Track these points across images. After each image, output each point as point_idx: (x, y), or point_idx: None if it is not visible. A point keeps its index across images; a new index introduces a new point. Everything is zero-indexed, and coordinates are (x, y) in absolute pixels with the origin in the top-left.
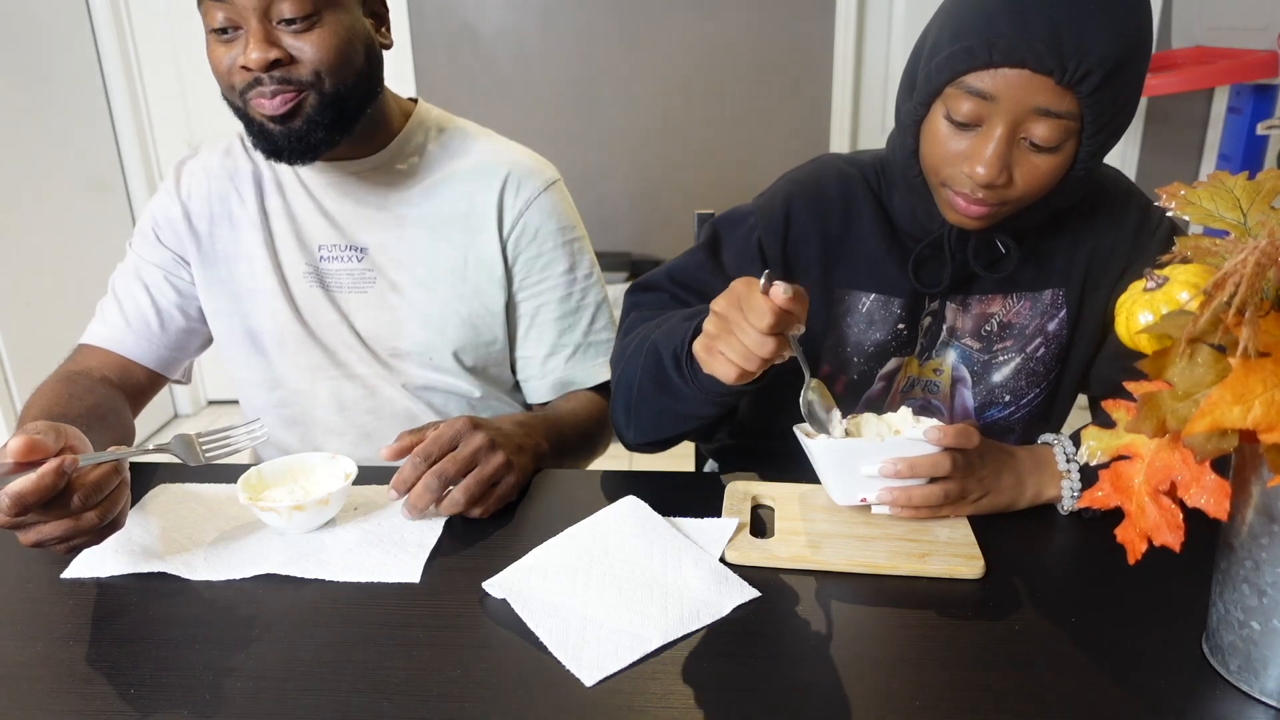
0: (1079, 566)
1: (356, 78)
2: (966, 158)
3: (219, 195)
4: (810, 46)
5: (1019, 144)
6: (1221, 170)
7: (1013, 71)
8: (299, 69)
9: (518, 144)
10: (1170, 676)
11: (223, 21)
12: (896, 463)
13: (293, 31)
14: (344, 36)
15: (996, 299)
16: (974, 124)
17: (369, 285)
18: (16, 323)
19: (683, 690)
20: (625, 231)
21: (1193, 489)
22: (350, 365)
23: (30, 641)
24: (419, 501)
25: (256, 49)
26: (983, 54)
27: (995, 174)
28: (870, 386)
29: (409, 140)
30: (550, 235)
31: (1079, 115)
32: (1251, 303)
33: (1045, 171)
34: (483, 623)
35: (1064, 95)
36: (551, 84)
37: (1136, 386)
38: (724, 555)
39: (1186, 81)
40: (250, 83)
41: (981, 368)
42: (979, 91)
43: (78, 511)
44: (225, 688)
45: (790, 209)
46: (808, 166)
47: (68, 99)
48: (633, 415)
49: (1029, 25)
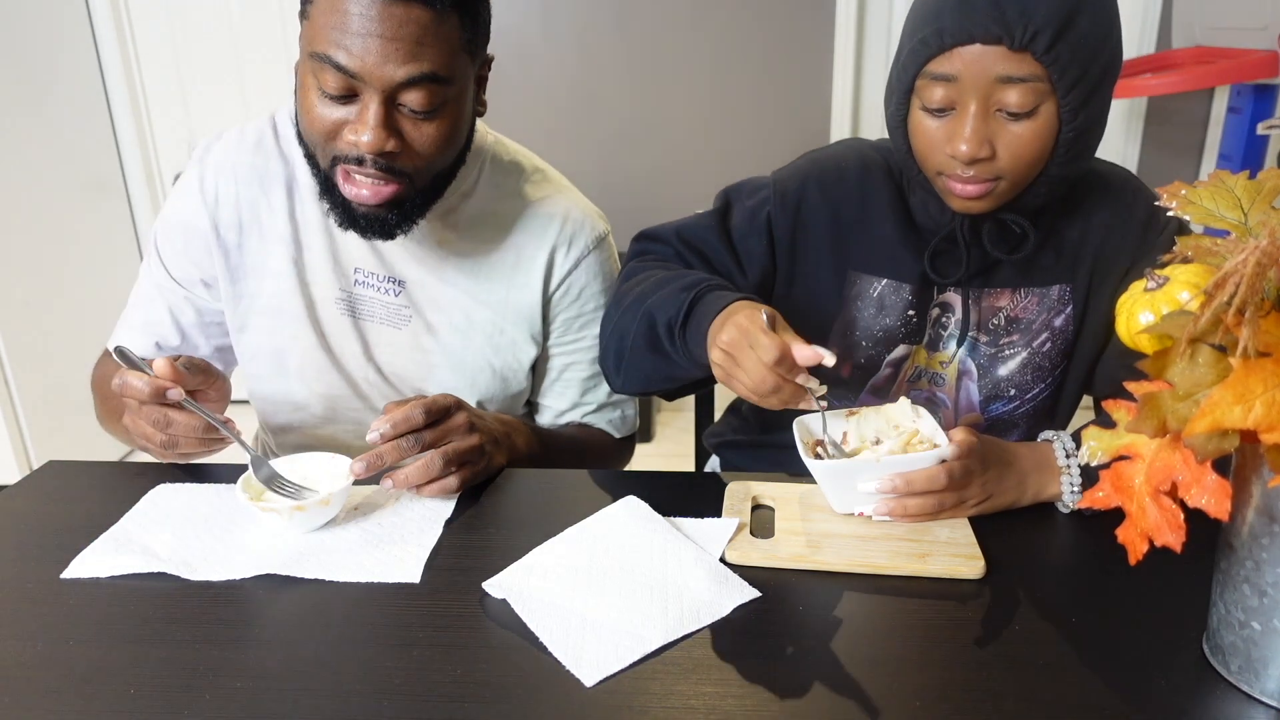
0: (1079, 566)
1: (456, 159)
2: (948, 140)
3: (248, 201)
4: (810, 46)
5: (995, 116)
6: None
7: (965, 49)
8: (407, 158)
9: (570, 187)
10: (1170, 676)
11: (339, 89)
12: (894, 479)
13: (412, 119)
14: (459, 126)
15: (1005, 293)
16: (948, 108)
17: (404, 323)
18: (16, 323)
19: (683, 690)
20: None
21: (1193, 489)
22: (372, 399)
23: (30, 641)
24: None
25: (373, 135)
26: (935, 41)
27: (976, 148)
28: (877, 373)
29: (466, 175)
30: (593, 297)
31: (1045, 76)
32: (1252, 303)
33: (1028, 139)
34: (483, 623)
35: (1021, 59)
36: (551, 82)
37: (1137, 386)
38: (724, 555)
39: (1186, 81)
40: (354, 156)
41: (988, 361)
42: (942, 75)
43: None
44: (225, 688)
45: (805, 187)
46: (833, 147)
47: (68, 99)
48: (623, 366)
49: (971, 2)
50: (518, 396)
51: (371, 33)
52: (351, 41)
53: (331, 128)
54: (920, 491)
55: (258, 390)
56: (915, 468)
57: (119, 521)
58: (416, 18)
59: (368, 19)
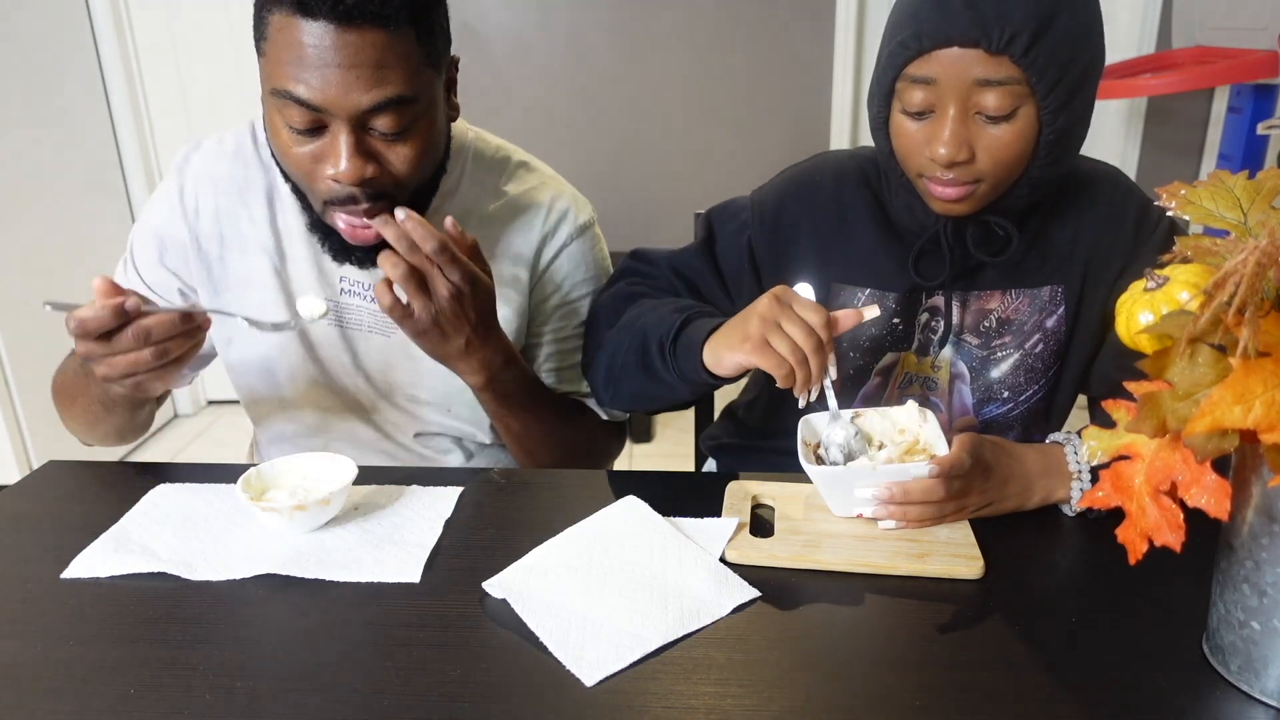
0: (1079, 567)
1: (436, 167)
2: (928, 142)
3: (228, 213)
4: (810, 48)
5: (974, 119)
6: (1222, 170)
7: (943, 52)
8: (388, 178)
9: (555, 176)
10: (1170, 676)
11: (305, 124)
12: (890, 487)
13: (385, 141)
14: (434, 138)
15: (995, 295)
16: (927, 110)
17: (391, 330)
18: (16, 323)
19: (683, 690)
20: (624, 231)
21: (1193, 489)
22: (364, 409)
23: (30, 641)
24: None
25: (349, 165)
26: (913, 44)
27: (955, 151)
28: (867, 382)
29: (447, 174)
30: (577, 285)
31: (1023, 79)
32: (1252, 302)
33: (1008, 141)
34: (483, 623)
35: (999, 62)
36: (551, 84)
37: (1136, 386)
38: (724, 555)
39: (1186, 81)
40: (342, 197)
41: (980, 364)
42: (921, 78)
43: (131, 348)
44: (225, 688)
45: (783, 205)
46: (808, 162)
47: (68, 99)
48: (612, 383)
49: (948, 5)
50: None
51: (330, 63)
52: (311, 75)
53: (309, 166)
54: (917, 502)
55: (250, 401)
56: (908, 478)
57: (119, 521)
58: (373, 41)
59: (324, 49)
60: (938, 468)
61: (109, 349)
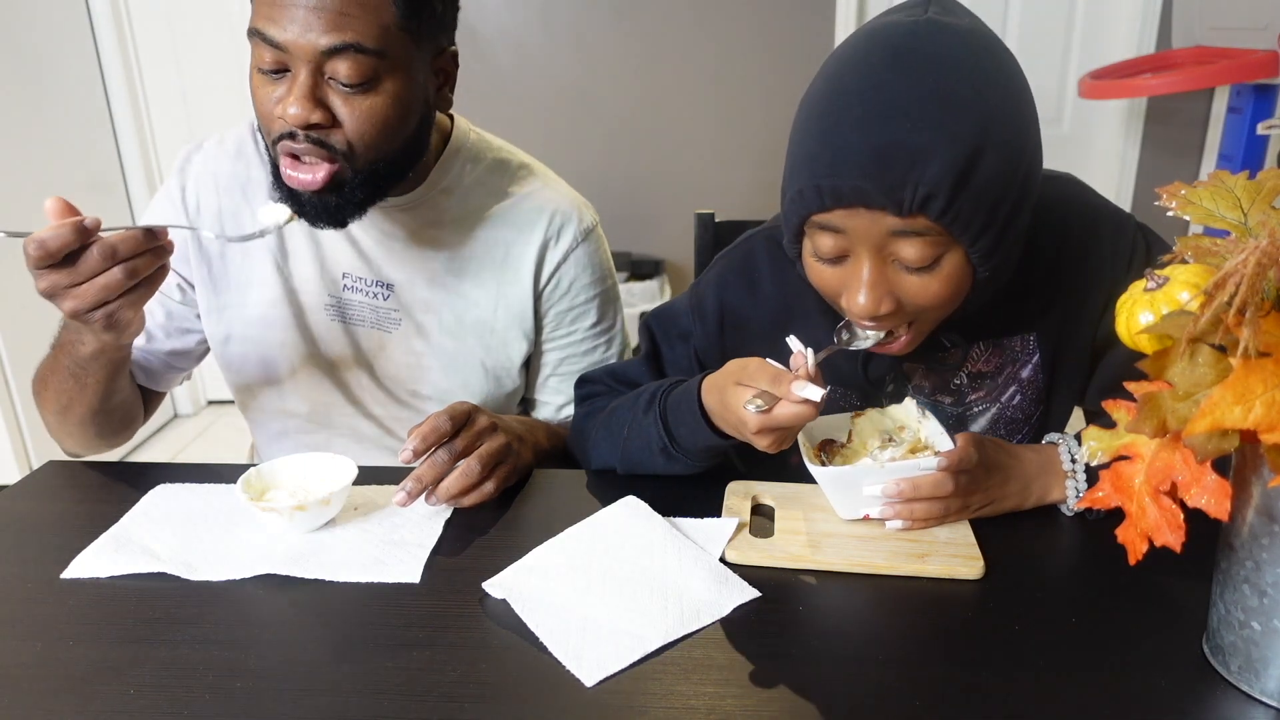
0: (1079, 567)
1: (403, 146)
2: (846, 289)
3: (230, 211)
4: (810, 46)
5: (893, 266)
6: (1222, 170)
7: (851, 210)
8: (337, 134)
9: (558, 180)
10: (1170, 676)
11: (272, 64)
12: (899, 483)
13: (343, 93)
14: (398, 108)
15: (957, 352)
16: (841, 256)
17: (394, 325)
18: (16, 323)
19: (683, 690)
20: (624, 230)
21: (1193, 489)
22: (365, 404)
23: (30, 641)
24: (453, 486)
25: (297, 105)
26: (814, 200)
27: (875, 304)
28: None
29: (445, 172)
30: (584, 289)
31: (944, 231)
32: (1252, 303)
33: (935, 289)
34: (483, 623)
35: (914, 220)
36: (551, 83)
37: (1137, 386)
38: (724, 555)
39: (1186, 81)
40: (286, 134)
41: (957, 421)
42: (831, 227)
43: (99, 268)
44: (225, 688)
45: (723, 300)
46: (738, 249)
47: (68, 99)
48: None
49: (847, 161)
50: (512, 395)
51: (297, 3)
52: (278, 14)
53: (269, 107)
54: (926, 497)
55: (247, 400)
56: (918, 473)
57: (119, 521)
58: None
59: None
60: (947, 460)
61: (74, 275)
